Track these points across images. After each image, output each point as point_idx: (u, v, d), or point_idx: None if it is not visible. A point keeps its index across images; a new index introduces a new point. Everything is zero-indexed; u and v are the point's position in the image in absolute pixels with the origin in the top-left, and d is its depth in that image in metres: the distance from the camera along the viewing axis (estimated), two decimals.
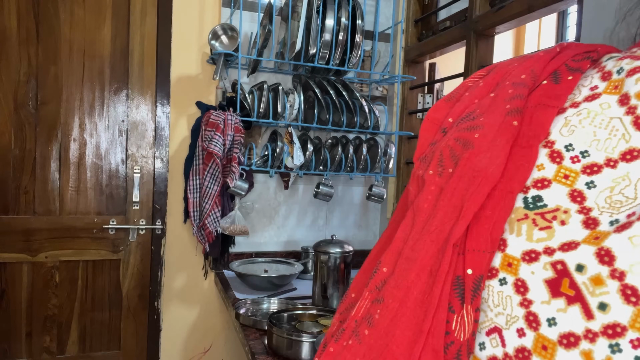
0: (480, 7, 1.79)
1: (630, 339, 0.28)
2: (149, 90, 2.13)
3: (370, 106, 2.07)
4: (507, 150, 0.36)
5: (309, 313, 1.42)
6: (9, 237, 1.98)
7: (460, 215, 0.35)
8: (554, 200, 0.34)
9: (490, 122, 0.38)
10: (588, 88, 0.37)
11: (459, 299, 0.34)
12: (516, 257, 0.34)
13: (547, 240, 0.33)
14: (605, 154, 0.34)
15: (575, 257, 0.31)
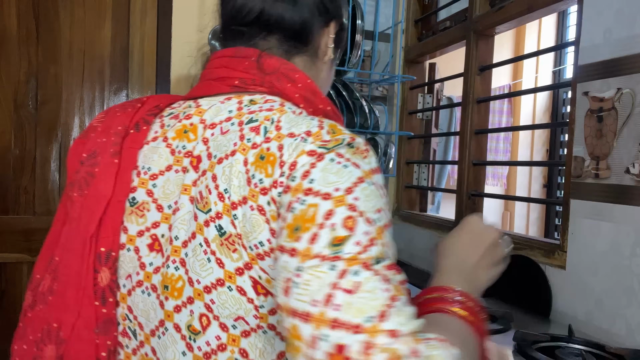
0: (480, 7, 1.79)
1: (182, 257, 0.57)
2: (149, 90, 2.13)
3: (370, 106, 2.07)
4: (113, 178, 0.62)
5: None
6: (9, 237, 1.98)
7: (92, 220, 0.61)
8: (141, 198, 0.62)
9: (103, 160, 0.64)
10: (153, 132, 0.66)
11: (100, 264, 0.60)
12: (133, 235, 0.61)
13: (145, 223, 0.61)
14: (159, 168, 0.62)
15: (160, 230, 0.60)
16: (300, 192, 0.51)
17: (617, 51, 1.19)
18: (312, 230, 0.49)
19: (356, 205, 0.50)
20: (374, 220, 0.50)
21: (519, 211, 4.19)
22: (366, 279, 0.47)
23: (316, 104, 0.65)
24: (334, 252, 0.48)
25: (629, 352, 1.01)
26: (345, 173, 0.51)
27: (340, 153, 0.53)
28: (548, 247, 1.40)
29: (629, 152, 1.15)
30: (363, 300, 0.46)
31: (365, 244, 0.49)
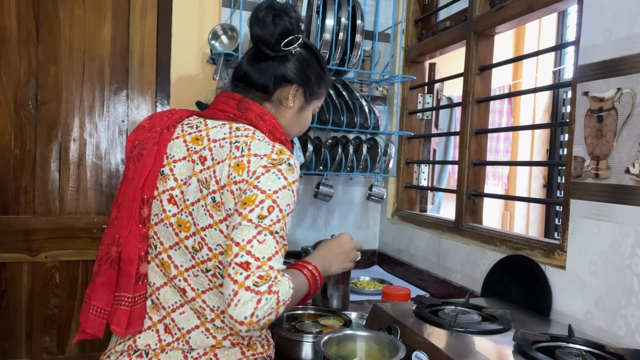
0: (480, 7, 1.79)
1: None
2: (149, 90, 2.13)
3: (370, 106, 2.07)
4: (153, 157, 1.05)
5: (308, 313, 1.45)
6: (9, 237, 1.98)
7: (140, 180, 1.03)
8: (166, 172, 1.05)
9: (148, 147, 1.06)
10: (177, 133, 1.08)
11: (142, 204, 1.03)
12: (160, 192, 1.05)
13: (166, 186, 1.05)
14: (178, 156, 1.05)
15: (174, 192, 1.05)
16: (251, 185, 0.96)
17: (617, 51, 1.19)
18: (251, 207, 0.94)
19: (277, 201, 0.95)
20: (283, 210, 0.96)
21: (519, 211, 4.20)
22: (268, 238, 0.93)
23: (275, 135, 1.10)
24: (258, 221, 0.94)
25: (629, 352, 1.01)
26: (278, 181, 0.97)
27: (280, 169, 0.98)
28: (548, 247, 1.40)
29: (629, 152, 1.15)
30: (263, 247, 0.92)
31: (275, 221, 0.94)
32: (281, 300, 0.89)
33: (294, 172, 0.99)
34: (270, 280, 0.88)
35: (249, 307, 0.85)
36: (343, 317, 1.44)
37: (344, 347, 1.18)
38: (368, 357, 1.17)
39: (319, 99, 1.20)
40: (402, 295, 1.51)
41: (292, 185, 0.98)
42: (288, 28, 1.08)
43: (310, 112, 1.20)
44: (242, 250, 0.90)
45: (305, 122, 1.20)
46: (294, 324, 1.39)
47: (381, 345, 1.16)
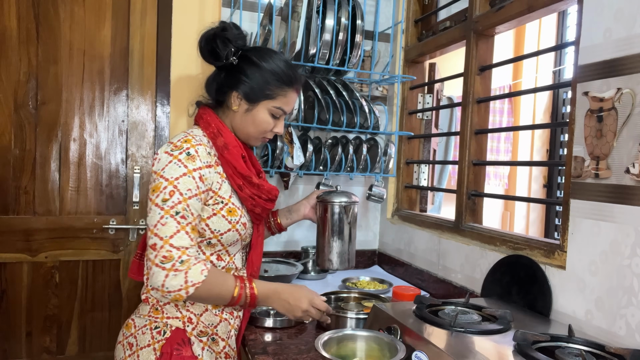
0: (480, 7, 1.79)
1: None
2: (149, 90, 2.13)
3: (370, 106, 2.07)
4: None
5: (353, 296, 1.65)
6: (9, 237, 1.98)
7: None
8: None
9: None
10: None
11: None
12: None
13: None
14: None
15: None
16: (158, 175, 1.17)
17: (617, 51, 1.19)
18: (156, 192, 1.15)
19: (177, 186, 1.15)
20: (184, 193, 1.15)
21: (519, 211, 4.20)
22: (169, 221, 1.13)
23: (219, 137, 1.27)
24: (162, 204, 1.14)
25: (629, 352, 1.01)
26: (179, 170, 1.17)
27: (180, 159, 1.18)
28: (548, 247, 1.40)
29: (629, 152, 1.15)
30: (165, 228, 1.12)
31: (176, 203, 1.14)
32: (189, 280, 1.10)
33: (194, 161, 1.18)
34: (173, 260, 1.10)
35: (158, 279, 1.09)
36: (383, 300, 1.58)
37: (344, 347, 1.18)
38: (368, 357, 1.17)
39: (271, 99, 1.29)
40: (412, 295, 1.52)
41: (192, 172, 1.17)
42: (214, 49, 1.28)
43: (263, 113, 1.30)
44: (151, 233, 1.13)
45: (260, 122, 1.30)
46: (340, 304, 1.60)
47: (381, 345, 1.16)
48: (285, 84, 1.30)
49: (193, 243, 1.16)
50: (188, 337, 1.24)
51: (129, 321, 1.29)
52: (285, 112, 1.33)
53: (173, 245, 1.11)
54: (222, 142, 1.27)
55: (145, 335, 1.23)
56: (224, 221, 1.25)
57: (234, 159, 1.27)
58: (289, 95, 1.32)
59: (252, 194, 1.30)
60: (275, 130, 1.34)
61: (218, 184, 1.25)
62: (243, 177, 1.28)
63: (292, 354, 1.26)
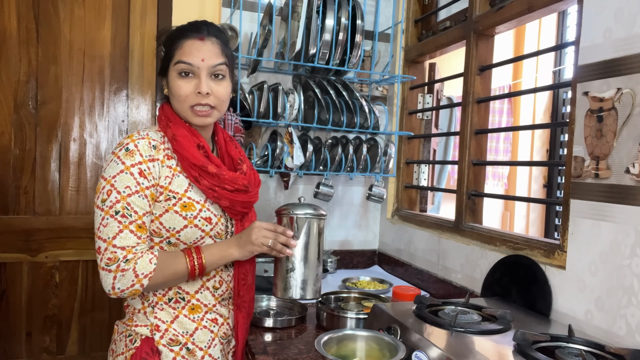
0: (480, 7, 1.79)
1: None
2: (149, 90, 2.13)
3: (370, 106, 2.07)
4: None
5: (353, 296, 1.65)
6: (9, 237, 1.98)
7: None
8: None
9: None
10: None
11: None
12: None
13: None
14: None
15: None
16: (101, 176, 1.13)
17: (617, 51, 1.19)
18: (97, 194, 1.12)
19: (114, 184, 1.10)
20: (122, 191, 1.10)
21: (519, 211, 4.20)
22: (110, 221, 1.09)
23: (167, 126, 1.21)
24: (101, 205, 1.10)
25: (629, 352, 1.01)
26: (116, 167, 1.12)
27: (119, 155, 1.13)
28: (548, 247, 1.40)
29: (629, 152, 1.15)
30: (107, 229, 1.09)
31: (114, 203, 1.10)
32: (140, 274, 1.08)
33: (133, 156, 1.12)
34: (118, 261, 1.07)
35: (108, 282, 1.07)
36: (383, 300, 1.57)
37: (344, 347, 1.18)
38: (368, 357, 1.17)
39: (171, 59, 1.19)
40: (412, 295, 1.51)
41: (130, 168, 1.12)
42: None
43: (172, 78, 1.19)
44: (95, 237, 1.10)
45: (174, 89, 1.19)
46: (340, 304, 1.59)
47: (381, 345, 1.16)
48: (177, 38, 1.19)
49: (140, 241, 1.10)
50: (156, 347, 1.16)
51: (115, 326, 1.27)
52: (189, 63, 1.16)
53: (116, 246, 1.07)
54: (171, 134, 1.19)
55: (121, 343, 1.21)
56: (178, 217, 1.16)
57: (184, 149, 1.17)
58: (186, 45, 1.17)
59: (212, 184, 1.18)
60: (198, 90, 1.16)
61: (168, 178, 1.16)
62: (198, 168, 1.17)
63: (292, 354, 1.26)
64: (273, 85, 2.02)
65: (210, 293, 1.24)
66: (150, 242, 1.17)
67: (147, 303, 1.19)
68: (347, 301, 1.63)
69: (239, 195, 1.24)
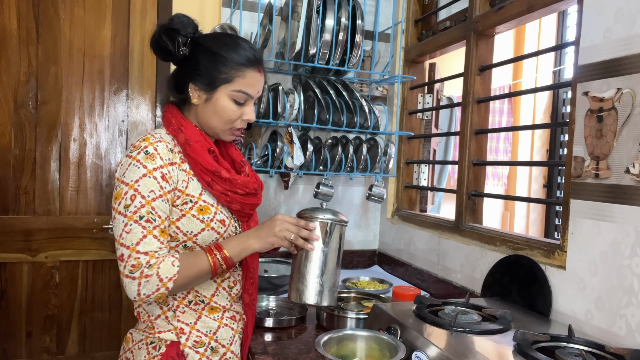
0: (480, 7, 1.79)
1: None
2: (149, 90, 2.13)
3: (370, 106, 2.07)
4: None
5: (353, 296, 1.66)
6: (9, 237, 1.98)
7: None
8: None
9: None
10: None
11: None
12: None
13: None
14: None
15: None
16: (120, 181, 1.11)
17: (617, 51, 1.19)
18: (118, 200, 1.09)
19: (138, 189, 1.08)
20: (147, 196, 1.08)
21: (519, 211, 4.20)
22: (134, 227, 1.07)
23: (181, 134, 1.18)
24: (124, 211, 1.08)
25: (629, 352, 1.01)
26: (138, 171, 1.10)
27: (139, 159, 1.10)
28: (548, 247, 1.40)
29: (629, 152, 1.15)
30: (131, 235, 1.06)
31: (138, 208, 1.08)
32: (164, 277, 1.06)
33: (154, 159, 1.11)
34: (142, 267, 1.05)
35: (132, 289, 1.05)
36: (383, 300, 1.58)
37: (344, 347, 1.18)
38: (368, 357, 1.17)
39: (228, 82, 1.17)
40: (412, 295, 1.52)
41: (153, 172, 1.10)
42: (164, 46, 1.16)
43: (223, 99, 1.18)
44: (117, 243, 1.08)
45: (222, 110, 1.18)
46: (340, 304, 1.58)
47: (381, 345, 1.16)
48: (240, 64, 1.17)
49: (163, 246, 1.09)
50: (182, 350, 1.17)
51: (128, 335, 1.24)
52: (249, 95, 1.19)
53: (140, 252, 1.05)
54: (184, 139, 1.17)
55: (141, 351, 1.18)
56: (196, 221, 1.16)
57: (198, 154, 1.17)
58: (248, 76, 1.18)
59: (224, 189, 1.19)
60: (245, 117, 1.21)
61: (184, 182, 1.16)
62: (211, 173, 1.17)
63: (292, 354, 1.26)
64: (273, 85, 2.02)
65: (227, 292, 1.25)
66: (169, 249, 1.16)
67: (167, 308, 1.18)
68: (347, 301, 1.63)
69: (249, 199, 1.25)
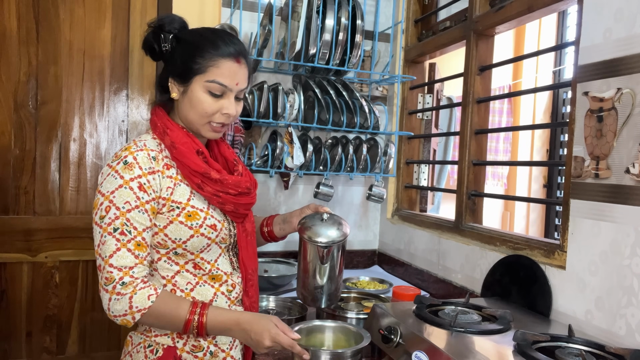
0: (480, 7, 1.79)
1: None
2: (149, 90, 2.13)
3: (370, 106, 2.07)
4: None
5: (353, 296, 1.67)
6: (9, 237, 1.98)
7: None
8: None
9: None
10: None
11: None
12: None
13: None
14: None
15: None
16: (97, 191, 1.09)
17: (617, 51, 1.19)
18: (95, 210, 1.08)
19: (113, 200, 1.06)
20: (121, 207, 1.06)
21: (519, 211, 4.20)
22: (108, 239, 1.05)
23: (166, 135, 1.15)
24: (100, 222, 1.06)
25: (629, 352, 1.01)
26: (114, 182, 1.07)
27: (117, 170, 1.08)
28: (548, 247, 1.40)
29: (629, 152, 1.15)
30: (105, 247, 1.04)
31: (112, 220, 1.05)
32: (134, 306, 1.03)
33: (132, 169, 1.08)
34: (114, 281, 1.03)
35: (104, 302, 1.05)
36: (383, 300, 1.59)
37: (313, 338, 1.26)
38: (335, 346, 1.26)
39: (202, 73, 1.12)
40: (412, 295, 1.51)
41: (130, 182, 1.07)
42: (149, 44, 1.16)
43: (197, 91, 1.13)
44: (96, 254, 1.07)
45: (197, 102, 1.13)
46: (340, 304, 1.59)
47: (348, 335, 1.25)
48: (215, 54, 1.12)
49: (138, 261, 1.06)
50: (180, 355, 1.14)
51: (128, 338, 1.22)
52: (224, 86, 1.13)
53: (113, 266, 1.03)
54: (169, 141, 1.14)
55: (139, 354, 1.16)
56: (184, 228, 1.12)
57: (185, 156, 1.13)
58: (223, 66, 1.12)
59: (216, 190, 1.15)
60: (225, 112, 1.15)
61: (169, 189, 1.12)
62: (200, 175, 1.14)
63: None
64: (273, 85, 2.02)
65: (226, 297, 1.21)
66: (151, 259, 1.14)
67: None
68: (347, 301, 1.63)
69: (242, 198, 1.22)
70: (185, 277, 1.17)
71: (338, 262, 1.28)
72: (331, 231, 1.24)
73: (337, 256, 1.27)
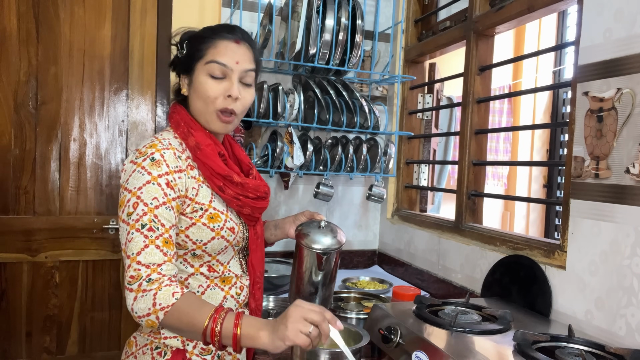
0: (480, 7, 1.79)
1: None
2: (149, 90, 2.13)
3: (370, 106, 2.07)
4: None
5: (353, 296, 1.67)
6: (9, 237, 1.98)
7: None
8: None
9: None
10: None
11: None
12: None
13: None
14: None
15: None
16: (123, 188, 1.06)
17: (617, 51, 1.19)
18: (122, 207, 1.05)
19: (140, 196, 1.03)
20: (149, 203, 1.03)
21: (519, 211, 4.19)
22: (135, 236, 1.01)
23: (183, 129, 1.15)
24: (127, 219, 1.03)
25: (629, 352, 1.01)
26: (142, 178, 1.04)
27: (144, 166, 1.05)
28: (548, 247, 1.40)
29: (629, 152, 1.15)
30: (132, 244, 1.01)
31: (140, 215, 1.02)
32: (157, 303, 0.96)
33: (160, 166, 1.06)
34: (140, 279, 0.98)
35: (129, 301, 0.99)
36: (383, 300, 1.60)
37: None
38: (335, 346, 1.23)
39: (201, 58, 1.13)
40: (412, 295, 1.51)
41: (158, 179, 1.05)
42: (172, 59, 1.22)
43: (200, 75, 1.13)
44: (123, 252, 1.03)
45: (201, 88, 1.13)
46: (340, 304, 1.59)
47: (347, 335, 1.25)
48: (211, 37, 1.14)
49: (167, 258, 1.02)
50: (189, 358, 1.13)
51: (131, 339, 1.19)
52: (223, 65, 1.12)
53: (140, 263, 0.99)
54: (194, 142, 1.13)
55: (145, 356, 1.14)
56: (206, 229, 1.12)
57: (209, 158, 1.13)
58: (220, 45, 1.13)
59: (236, 194, 1.16)
60: (228, 93, 1.13)
61: (194, 189, 1.12)
62: (223, 178, 1.14)
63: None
64: (273, 85, 2.02)
65: (235, 300, 1.21)
66: (177, 256, 1.12)
67: None
68: (347, 301, 1.63)
69: (259, 202, 1.22)
70: (198, 279, 1.16)
71: (333, 270, 1.29)
72: (329, 239, 1.25)
73: (333, 263, 1.28)
